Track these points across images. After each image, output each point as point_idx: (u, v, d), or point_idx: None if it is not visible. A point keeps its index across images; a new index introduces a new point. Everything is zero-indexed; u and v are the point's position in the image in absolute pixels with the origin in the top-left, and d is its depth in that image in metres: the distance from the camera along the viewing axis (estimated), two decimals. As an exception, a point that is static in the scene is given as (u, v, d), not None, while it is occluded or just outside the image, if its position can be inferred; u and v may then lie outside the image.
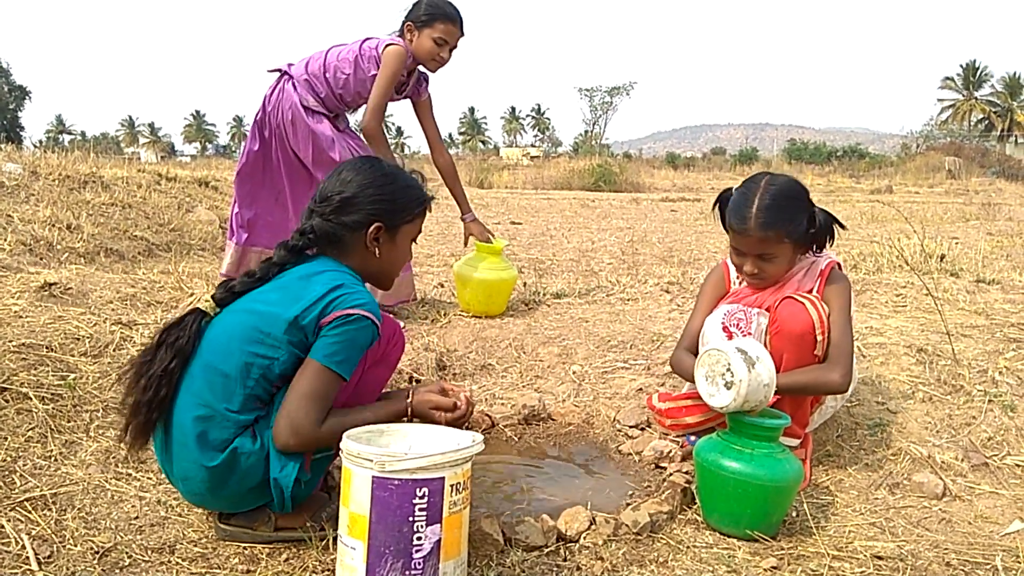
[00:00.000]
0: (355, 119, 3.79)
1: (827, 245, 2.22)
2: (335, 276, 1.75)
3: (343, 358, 1.67)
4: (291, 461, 1.67)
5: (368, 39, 3.48)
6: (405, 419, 1.80)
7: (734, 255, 2.23)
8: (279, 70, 3.57)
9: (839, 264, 2.22)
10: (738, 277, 2.33)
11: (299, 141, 3.45)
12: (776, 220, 2.10)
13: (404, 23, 3.43)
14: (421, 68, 3.57)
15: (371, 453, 1.46)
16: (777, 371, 1.95)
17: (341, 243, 1.84)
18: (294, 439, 1.62)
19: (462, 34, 3.43)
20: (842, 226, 2.21)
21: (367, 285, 1.87)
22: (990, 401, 2.47)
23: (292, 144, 3.48)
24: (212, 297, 1.79)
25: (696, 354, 2.21)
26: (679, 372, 2.31)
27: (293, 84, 3.48)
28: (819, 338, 2.05)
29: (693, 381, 2.02)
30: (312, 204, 1.87)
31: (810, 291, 2.16)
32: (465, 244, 3.81)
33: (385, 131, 3.45)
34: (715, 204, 2.30)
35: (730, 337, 2.11)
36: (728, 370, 1.87)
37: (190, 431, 1.66)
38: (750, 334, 2.10)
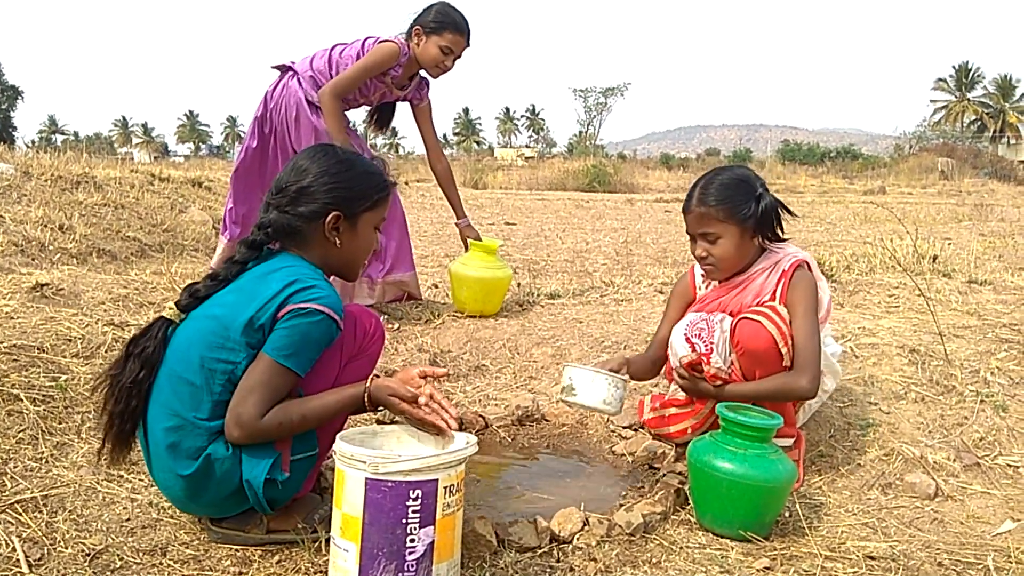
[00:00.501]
0: (364, 128, 3.83)
1: (776, 231, 2.20)
2: (291, 272, 1.69)
3: (292, 352, 1.62)
4: (261, 461, 1.63)
5: (370, 37, 3.47)
6: (366, 405, 1.68)
7: (690, 244, 2.27)
8: (283, 66, 3.56)
9: (807, 263, 2.19)
10: (704, 282, 2.34)
11: (300, 138, 3.44)
12: (715, 197, 2.15)
13: (413, 26, 3.41)
14: (423, 73, 3.56)
15: (364, 455, 1.46)
16: None
17: (300, 235, 1.78)
18: (236, 431, 1.59)
19: (468, 45, 3.44)
20: (790, 212, 2.22)
21: (332, 279, 1.82)
22: (982, 401, 2.48)
23: (293, 140, 3.47)
24: (176, 304, 1.74)
25: (662, 360, 2.36)
26: (638, 380, 2.43)
27: (298, 80, 3.47)
28: (783, 350, 2.05)
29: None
30: (268, 196, 1.81)
31: (773, 293, 2.15)
32: (466, 249, 3.81)
33: (341, 113, 3.43)
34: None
35: (693, 348, 2.12)
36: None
37: (161, 441, 1.65)
38: (712, 343, 2.10)
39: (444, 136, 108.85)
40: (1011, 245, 7.67)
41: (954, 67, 65.85)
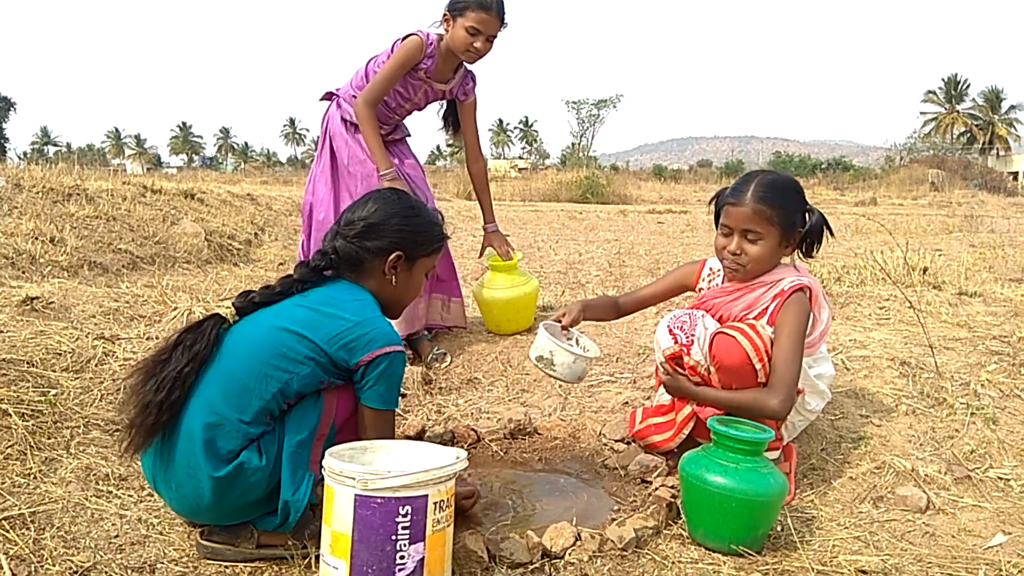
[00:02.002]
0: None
1: (815, 249, 2.22)
2: (360, 306, 1.82)
3: (394, 396, 1.79)
4: (302, 483, 1.70)
5: (399, 39, 3.30)
6: None
7: (720, 237, 2.23)
8: (328, 95, 3.49)
9: (812, 290, 2.18)
10: (709, 279, 2.36)
11: (347, 159, 3.37)
12: (772, 198, 2.13)
13: (444, 13, 3.25)
14: (468, 66, 3.38)
15: (354, 471, 1.45)
16: None
17: (361, 267, 1.91)
18: None
19: (503, 23, 3.19)
20: (831, 233, 2.23)
21: None
22: (972, 414, 2.49)
23: (346, 165, 3.39)
24: (233, 304, 1.82)
25: (625, 310, 2.50)
26: (595, 320, 2.51)
27: (338, 102, 3.40)
28: (758, 367, 2.05)
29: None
30: (336, 227, 1.94)
31: (765, 311, 2.15)
32: (480, 255, 3.73)
33: (374, 121, 3.24)
34: (712, 200, 2.31)
35: (675, 340, 2.18)
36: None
37: (198, 437, 1.66)
38: (694, 336, 2.15)
39: (437, 147, 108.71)
40: (1001, 256, 7.70)
41: (943, 79, 66.46)
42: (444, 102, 3.53)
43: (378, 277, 1.93)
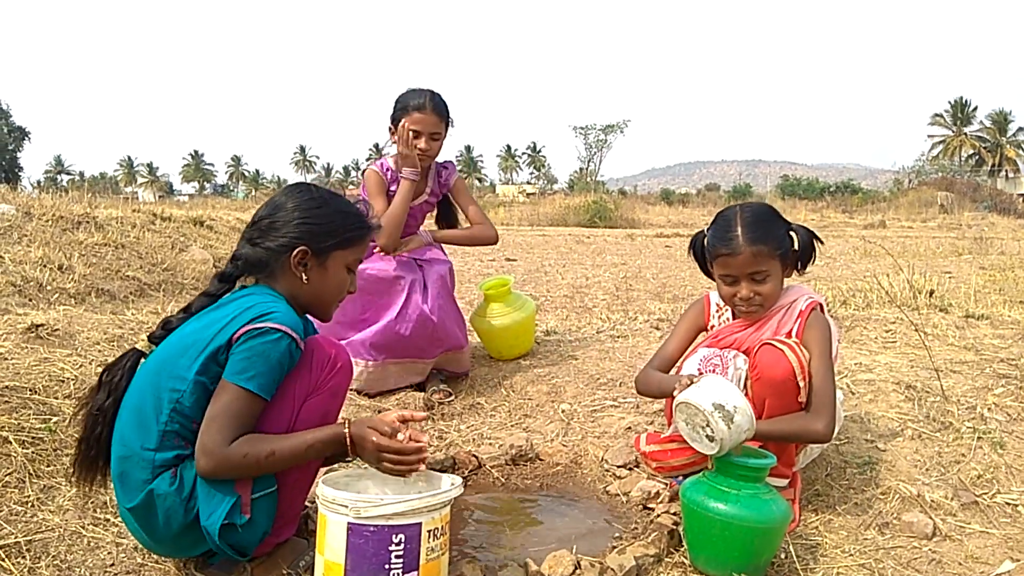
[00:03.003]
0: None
1: (811, 261, 2.21)
2: (250, 299, 1.71)
3: (253, 373, 1.59)
4: (219, 506, 1.58)
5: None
6: (348, 445, 1.63)
7: (724, 286, 2.19)
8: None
9: (822, 305, 2.20)
10: (718, 312, 2.33)
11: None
12: (762, 234, 2.12)
13: (389, 127, 3.26)
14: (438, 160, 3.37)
15: (346, 499, 1.44)
16: (759, 417, 1.96)
17: (269, 269, 1.80)
18: (203, 459, 1.56)
19: (443, 120, 3.18)
20: (820, 240, 2.22)
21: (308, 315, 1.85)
22: (979, 438, 2.45)
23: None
24: (149, 336, 1.77)
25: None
26: (644, 390, 2.27)
27: None
28: (801, 384, 2.01)
29: (656, 396, 2.05)
30: (244, 231, 1.86)
31: (790, 332, 2.14)
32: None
33: (399, 238, 3.20)
34: (690, 248, 2.30)
35: None
36: (707, 426, 1.83)
37: (114, 472, 1.67)
38: (726, 378, 2.07)
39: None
40: (1011, 278, 7.65)
41: (950, 102, 66.53)
42: (435, 207, 3.47)
43: (287, 277, 1.80)
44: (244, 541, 1.64)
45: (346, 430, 1.63)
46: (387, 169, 3.28)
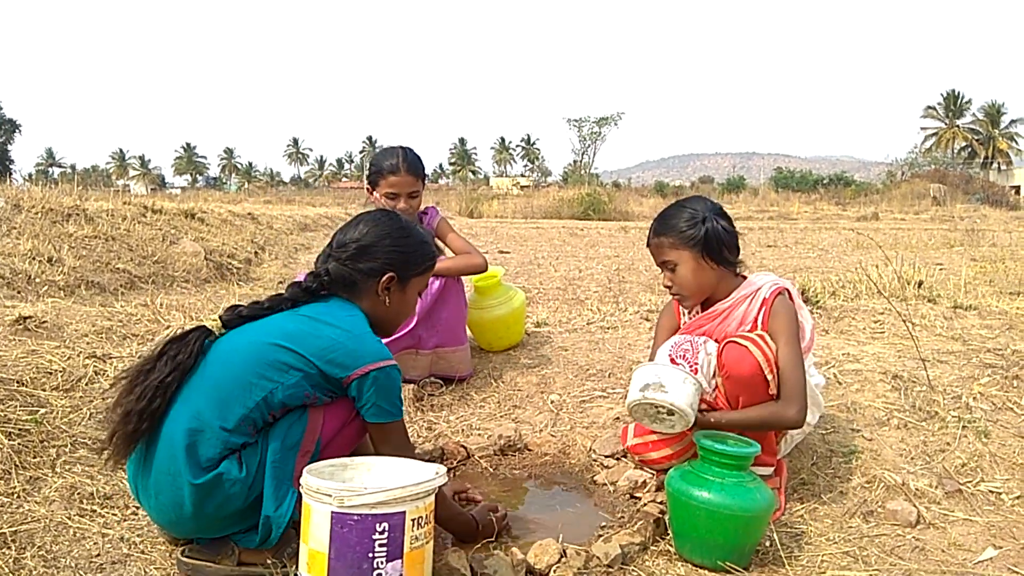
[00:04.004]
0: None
1: (726, 255, 2.21)
2: (351, 322, 1.83)
3: (397, 407, 1.79)
4: (285, 499, 1.69)
5: None
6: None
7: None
8: None
9: (789, 290, 2.20)
10: (685, 309, 2.36)
11: None
12: (664, 227, 2.23)
13: (367, 188, 3.25)
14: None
15: (330, 488, 1.44)
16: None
17: (354, 288, 1.93)
18: None
19: (418, 177, 3.15)
20: (734, 235, 2.24)
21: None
22: (964, 427, 2.47)
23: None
24: (220, 317, 1.84)
25: None
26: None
27: None
28: (769, 377, 2.06)
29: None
30: (328, 249, 1.97)
31: (755, 320, 2.16)
32: None
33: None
34: None
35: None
36: (655, 407, 2.02)
37: (180, 443, 1.67)
38: (697, 363, 2.12)
39: (440, 166, 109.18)
40: (1001, 270, 7.69)
41: (942, 94, 66.67)
42: None
43: (371, 297, 1.94)
44: (284, 533, 1.73)
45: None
46: None
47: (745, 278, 2.27)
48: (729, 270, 2.24)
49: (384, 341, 3.10)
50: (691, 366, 2.13)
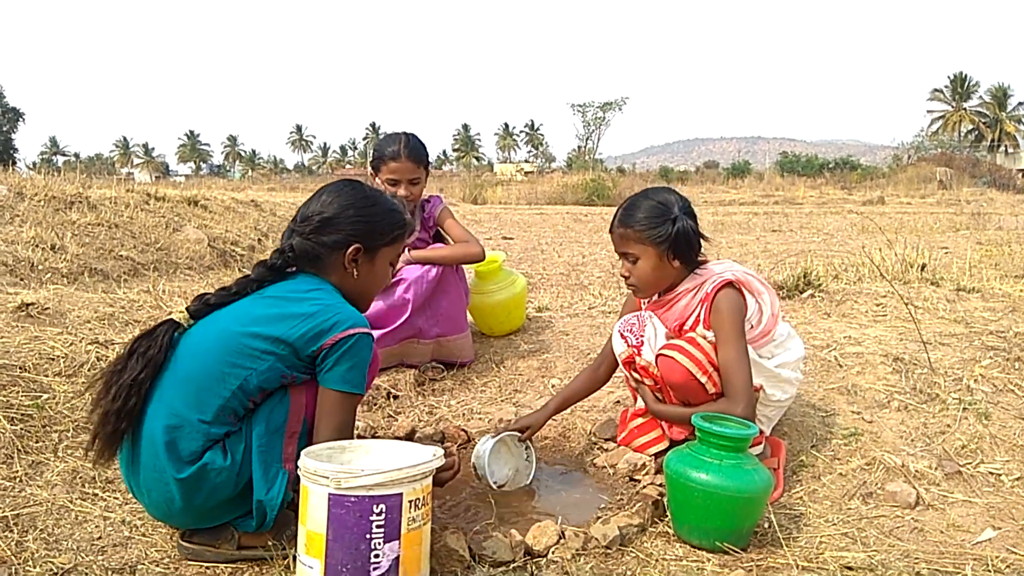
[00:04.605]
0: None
1: (691, 255, 2.20)
2: (320, 295, 1.78)
3: (360, 379, 1.73)
4: (275, 482, 1.68)
5: None
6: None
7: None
8: None
9: (738, 280, 2.18)
10: (646, 300, 2.37)
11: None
12: (633, 219, 2.19)
13: (370, 174, 3.24)
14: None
15: (327, 470, 1.45)
16: None
17: (320, 262, 1.87)
18: None
19: (419, 164, 3.16)
20: (703, 237, 2.22)
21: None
22: (965, 409, 2.47)
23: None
24: (187, 309, 1.81)
25: (605, 371, 2.47)
26: (578, 400, 2.53)
27: None
28: (703, 380, 2.08)
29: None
30: (292, 224, 1.90)
31: (697, 316, 2.17)
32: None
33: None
34: None
35: (627, 343, 2.23)
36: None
37: (160, 440, 1.66)
38: (643, 337, 2.19)
39: (443, 152, 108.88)
40: (1007, 253, 7.65)
41: (949, 77, 66.11)
42: (429, 243, 3.38)
43: (338, 271, 1.88)
44: (282, 516, 1.73)
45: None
46: None
47: (693, 269, 2.24)
48: (689, 267, 2.23)
49: (385, 332, 3.09)
50: (637, 339, 2.21)
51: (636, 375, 2.24)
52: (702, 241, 2.23)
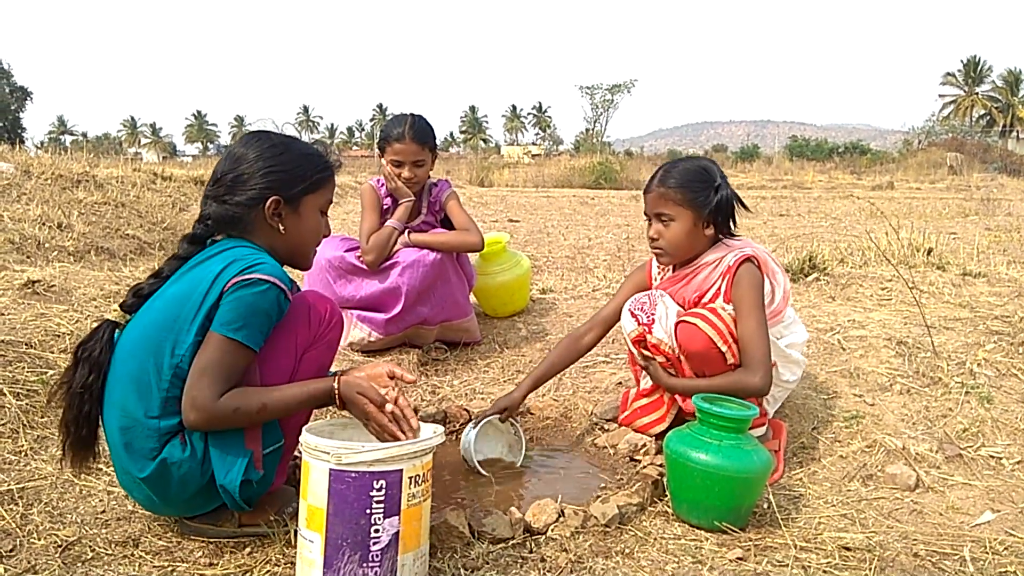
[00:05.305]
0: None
1: (729, 224, 2.23)
2: (233, 251, 1.68)
3: (242, 324, 1.57)
4: (235, 463, 1.61)
5: None
6: (336, 401, 1.66)
7: (646, 226, 2.30)
8: None
9: (755, 258, 2.18)
10: (660, 273, 2.36)
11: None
12: (676, 180, 2.19)
13: (377, 155, 3.26)
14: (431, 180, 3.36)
15: (328, 446, 1.46)
16: None
17: (242, 225, 1.75)
18: (193, 414, 1.55)
19: (424, 146, 3.14)
20: (745, 207, 2.26)
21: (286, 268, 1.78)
22: (967, 393, 2.46)
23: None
24: (121, 305, 1.74)
25: (592, 337, 2.44)
26: (562, 369, 2.50)
27: None
28: (723, 349, 2.08)
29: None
30: (207, 189, 1.78)
31: (718, 290, 2.17)
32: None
33: (381, 252, 3.11)
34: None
35: (637, 321, 2.20)
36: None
37: (118, 442, 1.64)
38: (654, 316, 2.16)
39: (450, 134, 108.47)
40: (1016, 239, 7.60)
41: (962, 61, 65.40)
42: (434, 227, 3.36)
43: (264, 230, 1.75)
44: (256, 493, 1.69)
45: (336, 386, 1.65)
46: (383, 185, 3.26)
47: (717, 241, 2.25)
48: (717, 238, 2.24)
49: (389, 319, 3.03)
50: (648, 317, 2.18)
51: (646, 353, 2.23)
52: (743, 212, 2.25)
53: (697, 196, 2.17)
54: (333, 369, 1.84)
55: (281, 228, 1.77)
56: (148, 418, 1.60)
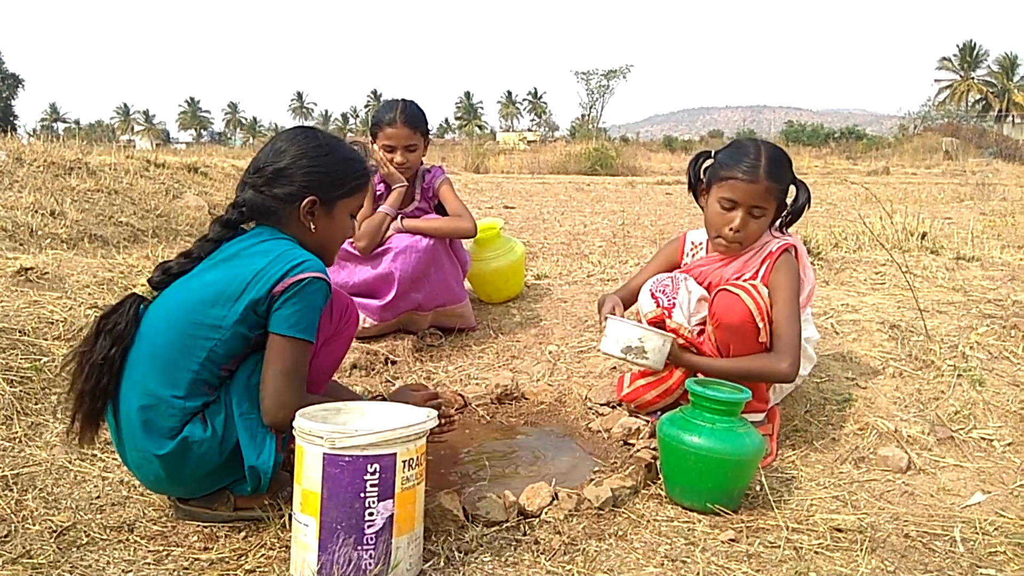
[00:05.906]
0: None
1: (796, 219, 2.23)
2: (272, 245, 1.71)
3: (306, 324, 1.64)
4: (264, 446, 1.66)
5: None
6: None
7: (719, 211, 2.17)
8: None
9: (796, 247, 2.19)
10: (692, 251, 2.35)
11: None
12: (780, 175, 2.15)
13: (370, 140, 3.22)
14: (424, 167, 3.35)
15: (322, 430, 1.46)
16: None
17: (275, 217, 1.78)
18: (282, 413, 1.60)
19: (416, 130, 3.13)
20: (810, 203, 2.25)
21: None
22: (959, 375, 2.48)
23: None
24: (148, 280, 1.76)
25: (626, 304, 2.37)
26: (600, 307, 2.37)
27: None
28: (760, 326, 2.06)
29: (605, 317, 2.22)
30: (245, 176, 1.81)
31: (756, 274, 2.16)
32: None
33: (371, 241, 3.11)
34: (693, 163, 2.30)
35: (657, 304, 2.18)
36: (636, 358, 2.13)
37: (136, 419, 1.64)
38: (676, 300, 2.15)
39: (445, 120, 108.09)
40: (1010, 224, 7.61)
41: (958, 46, 65.28)
42: (429, 213, 3.35)
43: (296, 225, 1.79)
44: (278, 478, 1.74)
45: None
46: (375, 171, 3.23)
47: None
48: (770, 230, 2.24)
49: (382, 306, 3.06)
50: (669, 300, 2.16)
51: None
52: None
53: (786, 191, 2.17)
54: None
55: (312, 227, 1.80)
56: (173, 398, 1.63)
